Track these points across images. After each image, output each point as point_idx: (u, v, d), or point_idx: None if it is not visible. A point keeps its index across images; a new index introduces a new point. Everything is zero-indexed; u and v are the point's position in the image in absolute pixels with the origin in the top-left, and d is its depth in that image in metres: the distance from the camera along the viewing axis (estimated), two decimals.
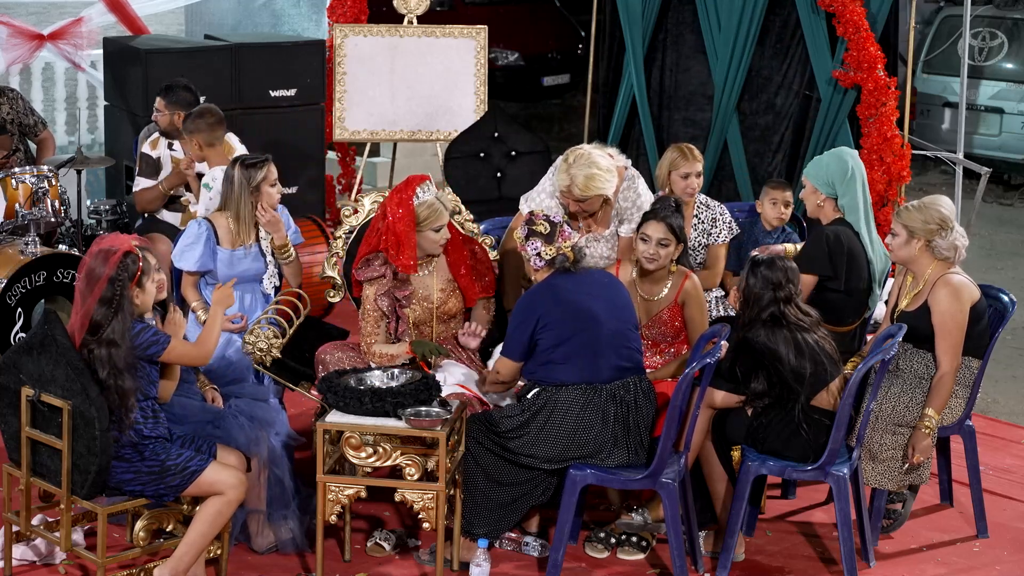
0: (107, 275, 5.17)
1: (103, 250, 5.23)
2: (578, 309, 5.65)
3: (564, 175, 6.27)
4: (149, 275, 5.31)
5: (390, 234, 6.13)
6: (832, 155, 6.56)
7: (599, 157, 6.29)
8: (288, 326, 6.37)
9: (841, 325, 6.39)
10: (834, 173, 6.44)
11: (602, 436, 5.61)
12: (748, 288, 5.75)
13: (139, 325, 5.25)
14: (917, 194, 9.05)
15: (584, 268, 5.83)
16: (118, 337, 5.16)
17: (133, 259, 5.24)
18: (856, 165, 6.48)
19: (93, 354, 5.16)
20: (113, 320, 5.17)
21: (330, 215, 10.06)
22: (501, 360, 5.82)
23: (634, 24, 9.64)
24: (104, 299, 5.17)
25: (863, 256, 6.42)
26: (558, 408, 5.63)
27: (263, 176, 6.44)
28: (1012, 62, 13.38)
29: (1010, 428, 7.66)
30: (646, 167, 9.49)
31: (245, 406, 5.83)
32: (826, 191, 6.45)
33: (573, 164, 6.25)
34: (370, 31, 9.91)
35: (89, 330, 5.17)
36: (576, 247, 5.79)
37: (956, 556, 6.14)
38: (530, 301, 5.72)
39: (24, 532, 5.61)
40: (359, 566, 5.83)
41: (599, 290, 5.76)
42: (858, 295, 6.45)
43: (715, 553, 5.93)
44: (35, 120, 8.70)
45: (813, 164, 6.56)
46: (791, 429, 5.72)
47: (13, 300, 7.37)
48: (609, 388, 5.64)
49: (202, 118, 7.26)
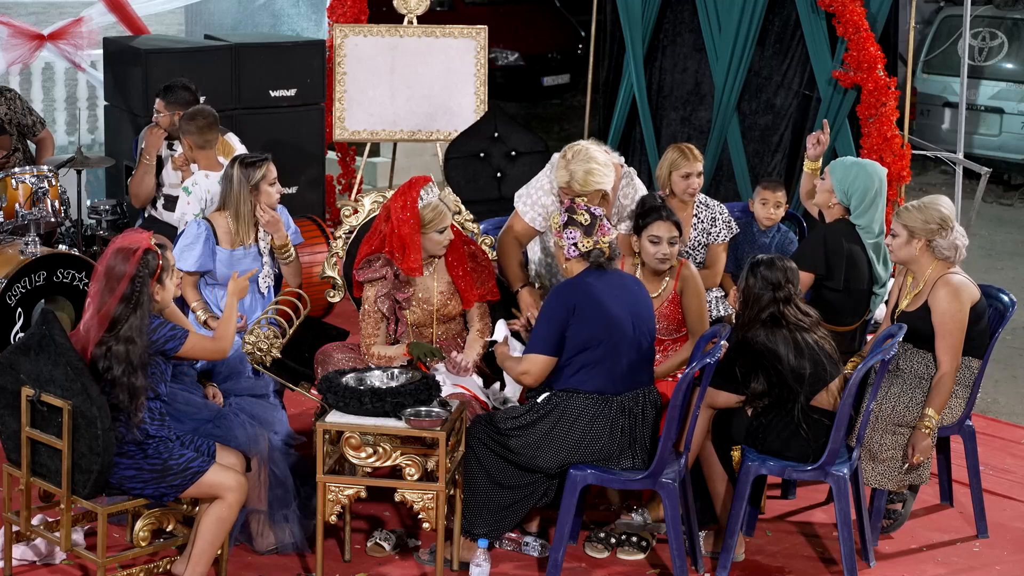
0: (129, 273, 5.17)
1: (123, 248, 5.22)
2: (608, 316, 5.57)
3: (563, 171, 6.26)
4: (169, 272, 5.31)
5: (395, 237, 6.12)
6: (862, 168, 6.44)
7: (597, 152, 6.27)
8: (288, 326, 6.37)
9: (840, 325, 6.38)
10: (856, 189, 6.36)
11: (608, 448, 5.60)
12: (748, 288, 5.76)
13: (156, 320, 5.24)
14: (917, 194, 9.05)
15: (615, 268, 5.77)
16: (135, 334, 5.16)
17: (153, 256, 5.24)
18: (881, 189, 6.39)
19: (111, 351, 5.15)
20: (131, 316, 5.16)
21: (330, 215, 10.06)
22: (530, 358, 5.65)
23: (634, 24, 9.64)
24: (125, 296, 5.17)
25: (864, 257, 6.41)
26: (567, 415, 5.60)
27: (262, 175, 6.44)
28: (1012, 62, 13.38)
29: (1010, 428, 7.66)
30: (646, 167, 9.49)
31: (246, 404, 5.81)
32: (841, 199, 6.43)
33: (572, 160, 6.23)
34: (370, 31, 9.91)
35: (108, 327, 5.17)
36: (612, 244, 5.74)
37: (956, 556, 6.14)
38: (564, 293, 5.62)
39: (24, 532, 5.61)
40: (359, 566, 5.83)
41: (627, 297, 5.66)
42: (858, 296, 6.44)
43: (715, 553, 5.93)
44: (34, 120, 8.70)
45: (840, 166, 6.47)
46: (791, 429, 5.72)
47: (13, 300, 7.36)
48: (620, 400, 5.61)
49: (193, 120, 7.23)
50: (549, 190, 6.47)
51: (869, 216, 6.39)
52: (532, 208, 6.48)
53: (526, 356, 5.67)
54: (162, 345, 5.23)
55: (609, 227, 5.71)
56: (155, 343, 5.21)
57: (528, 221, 6.49)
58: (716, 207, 7.02)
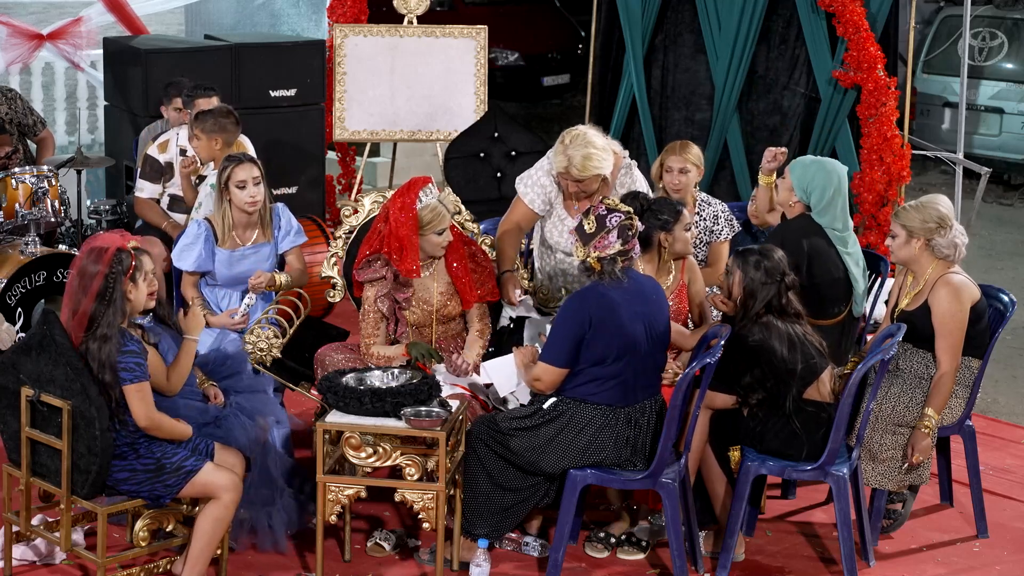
0: (102, 271, 5.17)
1: (95, 248, 5.22)
2: (624, 333, 5.48)
3: (561, 156, 6.25)
4: (142, 271, 5.29)
5: (393, 238, 6.12)
6: (820, 166, 6.40)
7: (595, 136, 6.27)
8: (288, 326, 6.38)
9: (824, 317, 6.35)
10: (815, 187, 6.33)
11: (611, 458, 5.60)
12: (752, 283, 5.74)
13: (130, 344, 5.19)
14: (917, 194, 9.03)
15: (634, 274, 5.65)
16: (109, 330, 5.15)
17: (126, 255, 5.23)
18: (840, 187, 6.35)
19: (88, 349, 5.16)
20: (106, 313, 5.16)
21: (330, 215, 10.07)
22: (543, 367, 5.59)
23: (634, 24, 9.64)
24: (99, 293, 5.16)
25: (828, 248, 6.33)
26: (573, 423, 5.59)
27: (227, 175, 6.40)
28: (1012, 62, 13.38)
29: (1010, 428, 7.66)
30: (646, 167, 9.46)
31: (246, 403, 5.74)
32: (801, 197, 6.40)
33: (570, 145, 6.23)
34: (370, 31, 9.91)
35: (86, 326, 5.17)
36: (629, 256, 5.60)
37: (956, 556, 6.14)
38: (582, 304, 5.53)
39: (24, 532, 5.61)
40: (359, 566, 5.83)
41: (644, 309, 5.55)
42: (833, 285, 6.34)
43: (715, 553, 5.93)
44: (34, 120, 8.70)
45: (799, 164, 6.44)
46: (789, 428, 5.72)
47: (13, 300, 7.37)
48: (627, 412, 5.59)
49: (227, 118, 7.25)
50: (548, 170, 6.46)
51: (830, 215, 6.34)
52: (531, 189, 6.48)
53: (539, 363, 5.62)
54: (121, 368, 5.16)
55: (611, 242, 5.53)
56: (118, 360, 5.15)
57: (527, 203, 6.49)
58: (718, 204, 7.02)
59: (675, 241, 6.17)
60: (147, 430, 5.24)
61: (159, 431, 5.27)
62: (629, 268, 5.60)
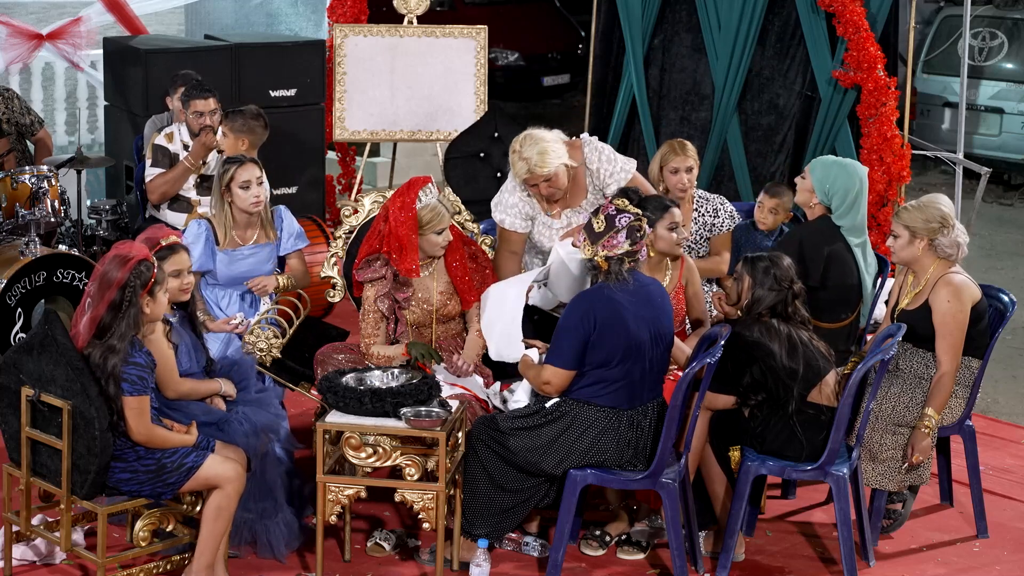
0: (120, 280, 5.15)
1: (119, 255, 5.20)
2: (629, 338, 5.47)
3: (520, 163, 6.25)
4: (162, 285, 5.28)
5: (392, 238, 6.12)
6: (843, 167, 6.36)
7: (541, 132, 6.32)
8: (288, 326, 6.38)
9: (835, 321, 6.35)
10: (837, 188, 6.30)
11: (613, 459, 5.60)
12: (760, 289, 5.73)
13: (137, 356, 5.17)
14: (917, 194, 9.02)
15: (639, 276, 5.62)
16: (119, 342, 5.15)
17: (148, 266, 5.21)
18: (862, 189, 6.33)
19: (91, 357, 5.15)
20: (118, 326, 5.14)
21: (330, 215, 10.06)
22: (552, 371, 5.57)
23: (634, 24, 9.64)
24: (114, 304, 5.15)
25: (848, 255, 6.35)
26: (576, 424, 5.58)
27: (230, 176, 6.41)
28: (1012, 62, 13.38)
29: (1010, 428, 7.66)
30: (645, 167, 9.47)
31: (251, 413, 5.67)
32: (821, 199, 6.38)
33: (522, 148, 6.24)
34: (370, 31, 9.90)
35: (96, 333, 5.16)
36: (636, 258, 5.58)
37: (956, 556, 6.14)
38: (588, 305, 5.52)
39: (24, 532, 5.61)
40: (359, 566, 5.83)
41: (649, 314, 5.53)
42: (845, 290, 6.36)
43: (715, 553, 5.93)
44: (31, 119, 8.70)
45: (820, 164, 6.40)
46: (789, 429, 5.72)
47: (13, 300, 7.36)
48: (629, 414, 5.59)
49: (256, 120, 7.31)
50: (513, 188, 6.46)
51: (851, 217, 6.32)
52: (507, 213, 6.47)
53: (546, 366, 5.60)
54: (122, 379, 5.16)
55: (619, 242, 5.51)
56: (123, 371, 5.13)
57: (510, 228, 6.47)
58: (716, 199, 7.01)
59: (657, 239, 6.05)
60: (142, 444, 5.23)
61: (152, 444, 5.25)
62: (635, 270, 5.60)
